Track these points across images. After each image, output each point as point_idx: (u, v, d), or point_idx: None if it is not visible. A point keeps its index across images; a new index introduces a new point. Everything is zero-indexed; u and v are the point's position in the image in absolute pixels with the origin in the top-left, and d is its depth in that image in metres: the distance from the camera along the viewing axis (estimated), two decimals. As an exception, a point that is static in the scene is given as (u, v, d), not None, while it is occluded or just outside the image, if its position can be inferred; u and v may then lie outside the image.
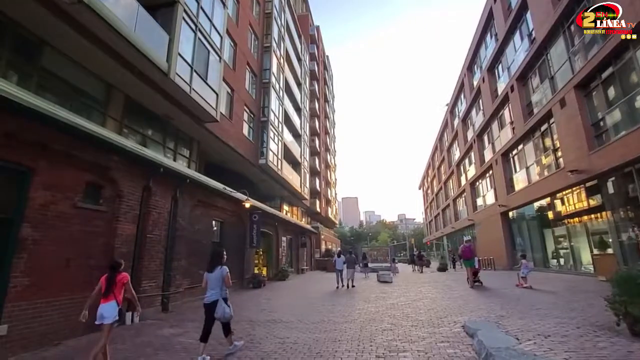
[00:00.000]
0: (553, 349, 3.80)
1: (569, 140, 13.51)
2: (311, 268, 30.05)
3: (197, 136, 13.81)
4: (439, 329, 5.70)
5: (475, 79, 27.17)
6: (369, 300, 9.73)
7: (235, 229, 13.57)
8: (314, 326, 6.45)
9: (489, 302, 8.15)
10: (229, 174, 18.09)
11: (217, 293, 4.78)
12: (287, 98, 24.90)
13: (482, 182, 27.05)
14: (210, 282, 4.85)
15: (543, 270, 17.25)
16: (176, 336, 6.09)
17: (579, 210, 14.27)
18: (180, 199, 9.37)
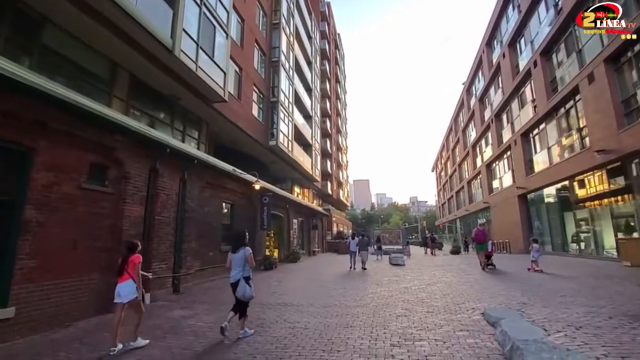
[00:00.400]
0: (587, 343, 3.46)
1: (597, 118, 12.65)
2: (323, 250, 30.14)
3: (206, 117, 13.53)
4: (457, 316, 5.42)
5: (494, 55, 25.78)
6: (381, 283, 9.52)
7: (245, 211, 13.44)
8: (325, 310, 6.27)
9: (507, 287, 7.80)
10: (239, 156, 17.88)
11: (239, 272, 4.95)
12: (298, 78, 24.23)
13: (499, 164, 26.16)
14: (234, 262, 5.03)
15: (562, 254, 16.72)
16: (186, 318, 6.00)
17: (603, 192, 13.55)
18: (189, 181, 9.18)
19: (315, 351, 4.16)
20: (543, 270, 10.43)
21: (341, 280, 10.41)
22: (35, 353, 4.47)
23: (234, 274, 5.00)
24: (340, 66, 52.21)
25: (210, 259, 10.45)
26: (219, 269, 10.85)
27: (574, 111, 14.94)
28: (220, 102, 12.53)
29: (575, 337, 3.70)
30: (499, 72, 24.39)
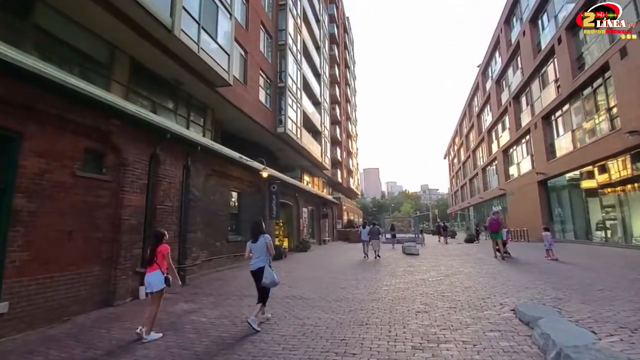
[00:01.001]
0: (652, 351, 2.89)
1: (630, 96, 11.64)
2: (333, 239, 29.80)
3: (211, 103, 13.05)
4: (484, 313, 4.89)
5: (513, 33, 24.38)
6: (396, 274, 9.02)
7: (253, 200, 13.04)
8: (337, 305, 5.81)
9: (534, 280, 7.20)
10: (246, 144, 17.43)
11: (263, 259, 5.03)
12: (306, 62, 23.44)
13: (516, 149, 25.06)
14: (255, 250, 5.08)
15: (585, 242, 15.89)
16: (189, 313, 5.64)
17: (635, 176, 12.62)
18: (193, 168, 8.76)
19: (327, 354, 3.71)
20: (558, 259, 10.29)
21: (353, 271, 9.96)
22: (27, 351, 4.16)
23: (255, 262, 5.03)
24: (350, 51, 50.81)
25: (217, 250, 10.11)
26: (226, 260, 10.54)
27: (602, 90, 13.87)
28: (224, 87, 12.00)
29: (633, 342, 3.14)
30: (518, 51, 23.07)
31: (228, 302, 6.31)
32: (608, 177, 14.32)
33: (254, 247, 5.10)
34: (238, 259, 11.26)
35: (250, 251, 5.13)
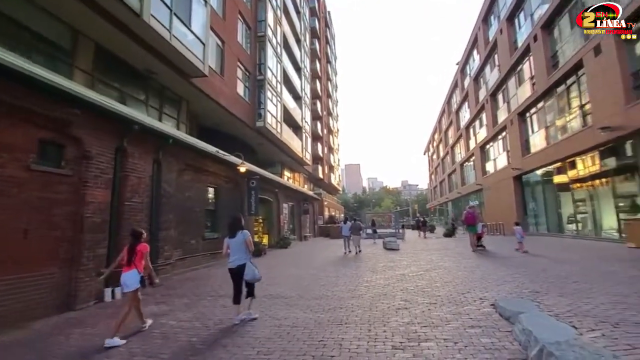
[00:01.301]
0: (634, 346, 2.84)
1: (602, 93, 12.02)
2: (314, 235, 29.66)
3: (186, 95, 12.47)
4: (464, 309, 4.81)
5: (491, 31, 24.83)
6: (377, 270, 8.93)
7: (231, 196, 12.63)
8: (317, 303, 5.61)
9: (512, 273, 7.27)
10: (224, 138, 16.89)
11: (243, 257, 4.90)
12: (286, 56, 22.98)
13: (493, 145, 25.66)
14: (234, 247, 4.94)
15: (558, 235, 16.45)
16: (159, 316, 5.27)
17: (604, 171, 13.11)
18: (165, 162, 8.30)
19: (304, 357, 3.50)
20: (530, 252, 10.71)
21: (334, 267, 9.80)
22: (-32, 365, 3.72)
23: (234, 259, 4.89)
24: (331, 45, 50.50)
25: (193, 248, 9.69)
26: (203, 258, 10.14)
27: (575, 87, 14.29)
28: (200, 78, 11.47)
29: (616, 337, 3.10)
30: (495, 49, 23.52)
31: (202, 303, 5.98)
32: (580, 172, 14.83)
33: (232, 244, 4.95)
34: (215, 256, 10.87)
35: (227, 247, 4.98)
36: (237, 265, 4.86)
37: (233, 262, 4.89)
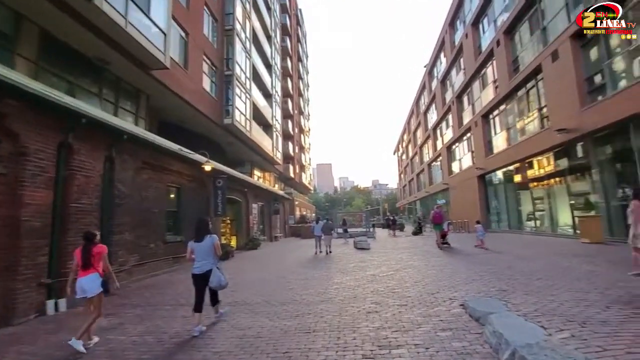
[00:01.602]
0: (606, 348, 2.81)
1: (559, 96, 12.67)
2: (285, 235, 29.23)
3: (145, 88, 11.66)
4: (434, 310, 4.72)
5: (457, 35, 25.66)
6: (347, 271, 8.76)
7: (196, 196, 11.98)
8: (284, 309, 5.31)
9: (479, 271, 7.37)
10: (191, 136, 16.10)
11: (210, 262, 4.69)
12: (256, 52, 22.37)
13: (459, 146, 26.56)
14: (200, 251, 4.70)
15: (518, 232, 17.23)
16: (106, 331, 4.73)
17: (560, 171, 13.88)
18: (118, 160, 7.61)
19: (266, 373, 3.18)
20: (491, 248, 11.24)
21: (303, 269, 9.53)
22: None
23: (200, 265, 4.65)
24: (302, 44, 50.17)
25: (152, 252, 9.02)
26: (164, 263, 9.48)
27: (534, 91, 15.01)
28: (161, 70, 10.74)
29: (585, 337, 3.07)
30: (461, 53, 24.33)
31: (158, 314, 5.48)
32: (538, 172, 15.62)
33: (198, 248, 4.71)
34: (178, 261, 10.23)
35: (192, 252, 4.73)
36: (203, 271, 4.62)
37: (199, 267, 4.64)
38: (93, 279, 4.15)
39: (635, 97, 9.14)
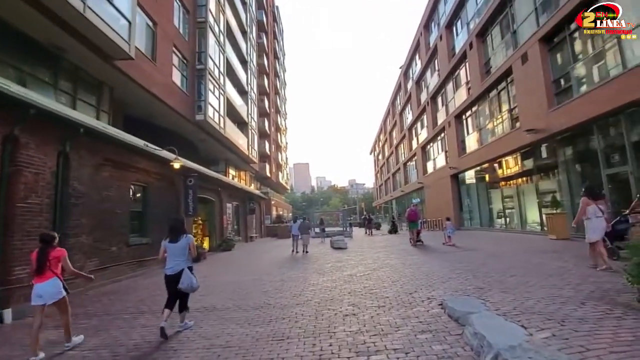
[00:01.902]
0: (588, 347, 2.72)
1: (528, 98, 13.10)
2: (261, 235, 28.66)
3: (108, 79, 10.88)
4: (413, 311, 4.57)
5: (432, 37, 26.14)
6: (324, 271, 8.54)
7: (165, 195, 11.33)
8: (256, 314, 4.99)
9: (455, 269, 7.36)
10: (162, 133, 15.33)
11: (182, 262, 4.53)
12: (230, 46, 21.70)
13: (433, 146, 27.09)
14: (174, 251, 4.55)
15: (489, 229, 17.74)
16: (55, 345, 4.22)
17: (528, 170, 14.37)
18: (74, 156, 6.97)
19: (234, 389, 2.87)
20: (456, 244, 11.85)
21: (279, 270, 9.21)
22: None
23: (172, 265, 4.50)
24: (279, 42, 49.54)
25: (114, 256, 8.37)
26: (127, 267, 8.85)
27: (505, 92, 15.46)
28: (125, 60, 10.04)
29: (566, 337, 2.98)
30: (435, 54, 24.80)
31: (116, 324, 4.99)
32: (507, 171, 16.13)
33: (171, 248, 4.55)
34: (144, 264, 9.60)
35: (165, 252, 4.59)
36: (175, 272, 4.46)
37: (171, 268, 4.49)
38: (52, 284, 3.92)
39: (598, 100, 9.53)
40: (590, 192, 6.28)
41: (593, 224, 5.97)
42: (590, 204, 6.08)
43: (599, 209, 6.05)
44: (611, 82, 9.24)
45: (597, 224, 5.95)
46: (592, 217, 6.02)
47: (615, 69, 9.43)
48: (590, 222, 6.03)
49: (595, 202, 6.10)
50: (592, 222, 6.00)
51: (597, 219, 5.98)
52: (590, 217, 6.03)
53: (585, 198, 6.14)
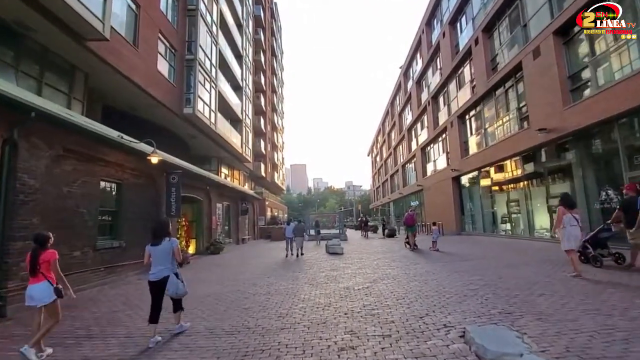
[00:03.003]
0: None
1: (540, 95, 12.20)
2: (254, 237, 27.59)
3: (82, 64, 9.84)
4: (428, 345, 3.57)
5: (434, 35, 25.30)
6: (317, 282, 7.53)
7: (144, 194, 10.27)
8: (230, 343, 3.98)
9: (468, 283, 6.39)
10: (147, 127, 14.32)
11: (167, 268, 4.32)
12: (224, 38, 20.67)
13: (433, 147, 26.21)
14: (157, 256, 4.32)
15: (492, 235, 16.84)
16: None
17: (538, 172, 13.49)
18: (24, 145, 5.92)
19: None
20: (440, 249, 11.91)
21: (267, 280, 8.19)
22: None
23: (157, 271, 4.29)
24: (277, 39, 48.56)
25: (77, 262, 7.30)
26: (92, 275, 7.78)
27: (513, 90, 14.57)
28: (99, 42, 9.01)
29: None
30: (438, 52, 23.94)
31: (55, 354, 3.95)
32: (514, 173, 15.23)
33: (155, 252, 4.34)
34: (114, 270, 8.54)
35: (149, 256, 4.38)
36: (159, 278, 4.26)
37: (155, 273, 4.28)
38: (43, 287, 3.81)
39: (620, 96, 8.64)
40: (565, 201, 6.44)
41: (568, 233, 6.15)
42: (566, 213, 6.23)
43: (574, 217, 6.19)
44: (636, 76, 8.35)
45: (571, 232, 6.13)
46: (567, 226, 6.17)
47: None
48: (564, 230, 6.20)
49: (570, 212, 6.26)
50: (566, 230, 6.17)
51: (572, 227, 6.14)
52: (565, 225, 6.19)
53: (562, 207, 6.33)
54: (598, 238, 6.98)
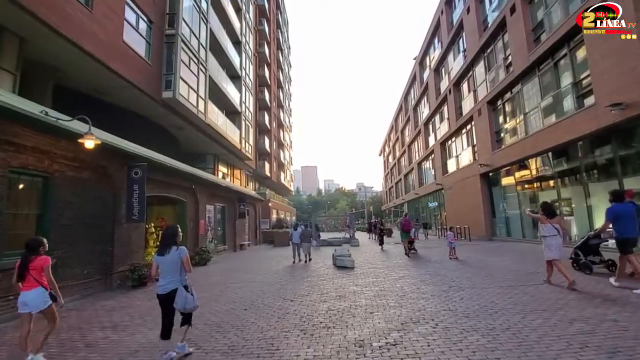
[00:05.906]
0: None
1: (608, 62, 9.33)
2: (256, 242, 25.15)
3: (14, 25, 7.56)
4: None
5: (455, 14, 22.45)
6: (312, 324, 4.93)
7: (87, 192, 7.87)
8: None
9: (568, 337, 3.69)
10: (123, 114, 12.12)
11: (175, 280, 3.84)
12: (217, 18, 18.39)
13: (455, 140, 23.31)
14: (165, 267, 3.87)
15: (533, 242, 13.83)
16: None
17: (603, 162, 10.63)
18: None
19: None
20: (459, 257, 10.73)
21: (241, 317, 5.64)
22: None
23: (164, 283, 3.83)
24: (283, 32, 46.33)
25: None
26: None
27: (568, 60, 11.65)
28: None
29: None
30: (460, 32, 21.10)
31: None
32: (566, 164, 12.35)
33: (162, 263, 3.86)
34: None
35: (157, 268, 3.91)
36: (167, 291, 3.78)
37: (163, 286, 3.82)
38: (38, 293, 3.64)
39: None
40: (546, 210, 6.27)
41: (548, 243, 6.00)
42: (546, 222, 6.08)
43: (554, 227, 6.03)
44: None
45: (551, 242, 5.96)
46: (547, 236, 6.04)
47: None
48: (545, 240, 6.08)
49: (550, 221, 6.09)
50: (547, 240, 6.04)
51: (552, 237, 5.98)
52: (546, 235, 6.06)
53: (543, 216, 6.17)
54: (589, 245, 7.01)
